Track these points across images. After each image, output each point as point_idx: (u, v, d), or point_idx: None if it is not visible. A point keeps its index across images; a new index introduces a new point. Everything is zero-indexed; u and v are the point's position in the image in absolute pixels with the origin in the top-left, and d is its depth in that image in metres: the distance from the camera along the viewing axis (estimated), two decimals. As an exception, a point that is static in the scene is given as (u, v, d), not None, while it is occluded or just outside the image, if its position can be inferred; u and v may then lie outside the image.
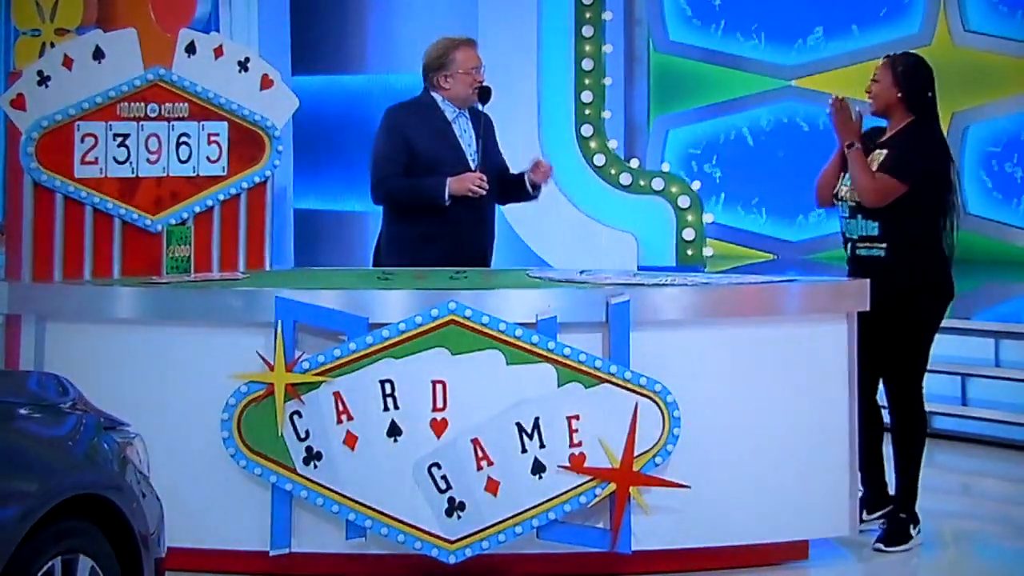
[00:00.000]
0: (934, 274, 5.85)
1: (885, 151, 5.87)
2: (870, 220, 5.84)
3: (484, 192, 6.29)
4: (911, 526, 5.80)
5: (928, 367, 5.87)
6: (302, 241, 11.82)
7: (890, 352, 5.63)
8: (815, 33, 11.72)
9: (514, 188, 6.57)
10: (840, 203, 5.97)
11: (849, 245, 5.96)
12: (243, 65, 6.65)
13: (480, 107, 6.46)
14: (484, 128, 6.41)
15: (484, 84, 6.39)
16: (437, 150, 6.35)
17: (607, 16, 11.19)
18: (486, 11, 10.99)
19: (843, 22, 11.65)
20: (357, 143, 11.51)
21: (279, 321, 4.97)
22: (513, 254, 9.64)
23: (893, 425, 5.89)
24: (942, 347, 6.21)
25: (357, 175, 11.51)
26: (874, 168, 5.84)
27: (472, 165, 6.34)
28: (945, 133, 6.19)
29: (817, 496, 5.36)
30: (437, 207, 6.26)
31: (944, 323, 5.94)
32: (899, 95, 5.88)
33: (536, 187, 6.51)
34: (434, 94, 6.43)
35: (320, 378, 4.96)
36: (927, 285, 5.79)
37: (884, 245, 5.82)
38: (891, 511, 5.87)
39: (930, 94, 5.93)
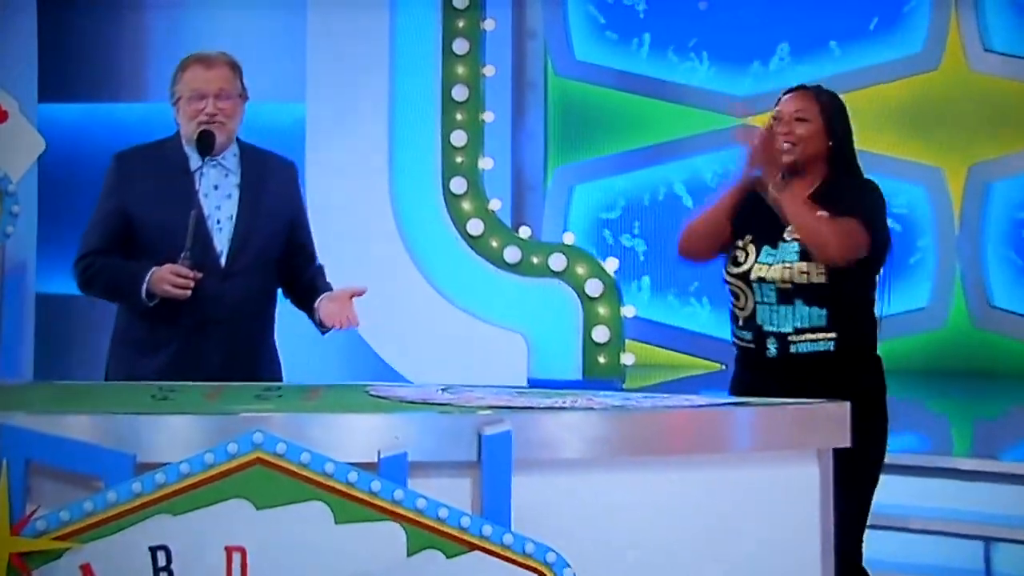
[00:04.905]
0: (882, 380, 5.99)
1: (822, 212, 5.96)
2: (814, 306, 5.95)
3: (187, 294, 6.07)
4: None
5: (944, 529, 5.90)
6: (46, 341, 11.71)
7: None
8: (778, 53, 11.87)
9: (304, 300, 6.45)
10: (756, 284, 6.06)
11: (771, 342, 6.06)
12: (-37, 91, 6.64)
13: (199, 156, 6.24)
14: (278, 183, 6.29)
15: (205, 127, 6.20)
16: (159, 214, 6.19)
17: (488, 26, 11.26)
18: (317, 18, 10.97)
19: (817, 38, 11.82)
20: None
21: (4, 460, 4.85)
22: (348, 362, 9.57)
23: None
24: (958, 500, 6.22)
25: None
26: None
27: (215, 240, 6.18)
28: (961, 191, 6.30)
29: None
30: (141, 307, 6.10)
31: (961, 464, 5.98)
32: (829, 144, 6.00)
33: (326, 328, 6.36)
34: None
35: (62, 544, 4.84)
36: (881, 391, 5.87)
37: (832, 335, 5.92)
38: None
39: (854, 143, 6.13)
